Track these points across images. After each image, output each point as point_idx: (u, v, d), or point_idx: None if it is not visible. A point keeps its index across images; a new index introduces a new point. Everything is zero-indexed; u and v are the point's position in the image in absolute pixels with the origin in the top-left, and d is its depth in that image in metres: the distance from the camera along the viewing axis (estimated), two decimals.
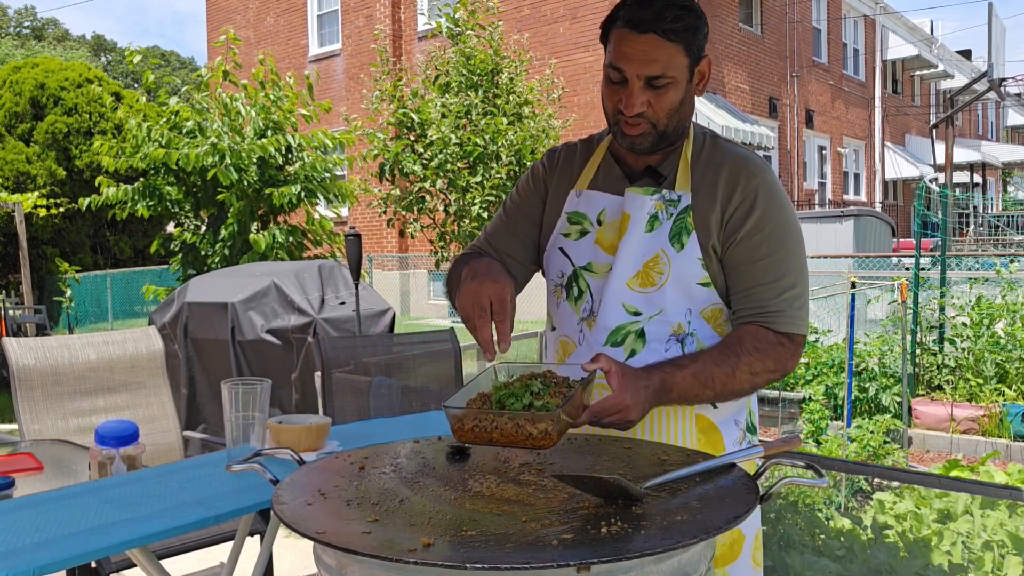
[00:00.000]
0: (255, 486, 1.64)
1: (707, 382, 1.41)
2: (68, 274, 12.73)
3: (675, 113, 1.46)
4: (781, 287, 1.47)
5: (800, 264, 1.50)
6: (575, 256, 1.57)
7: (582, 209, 1.58)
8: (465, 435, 1.24)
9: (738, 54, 16.63)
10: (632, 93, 1.43)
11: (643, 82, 1.43)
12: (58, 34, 46.33)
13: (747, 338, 1.45)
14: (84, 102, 14.18)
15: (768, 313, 1.47)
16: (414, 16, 15.75)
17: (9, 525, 1.45)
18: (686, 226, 1.48)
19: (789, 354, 1.47)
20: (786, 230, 1.49)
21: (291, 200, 7.05)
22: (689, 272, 1.48)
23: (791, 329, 1.47)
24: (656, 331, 1.49)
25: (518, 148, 7.27)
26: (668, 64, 1.42)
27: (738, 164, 1.50)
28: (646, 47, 1.41)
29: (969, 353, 6.56)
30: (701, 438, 1.52)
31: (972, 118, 29.65)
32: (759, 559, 1.58)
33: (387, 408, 3.24)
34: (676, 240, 1.48)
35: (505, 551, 0.94)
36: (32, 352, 2.78)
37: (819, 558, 2.66)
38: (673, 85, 1.44)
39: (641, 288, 1.49)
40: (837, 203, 19.94)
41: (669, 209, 1.49)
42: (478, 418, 1.23)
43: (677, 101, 1.45)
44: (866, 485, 4.40)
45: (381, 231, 15.57)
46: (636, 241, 1.49)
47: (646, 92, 1.43)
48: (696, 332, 1.50)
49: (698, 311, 1.50)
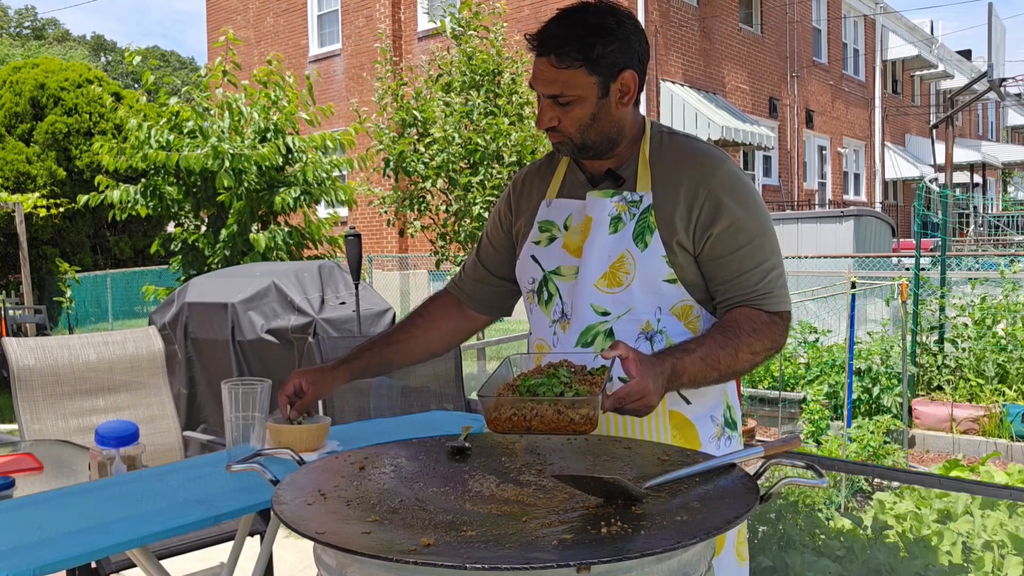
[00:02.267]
0: (255, 486, 1.63)
1: (713, 364, 1.44)
2: (68, 274, 12.72)
3: (588, 128, 1.52)
4: (764, 270, 1.52)
5: (774, 244, 1.56)
6: (544, 261, 1.63)
7: (551, 217, 1.64)
8: (502, 424, 1.24)
9: (738, 54, 16.63)
10: (540, 109, 1.54)
11: (550, 100, 1.51)
12: (58, 34, 46.35)
13: (743, 320, 1.50)
14: (84, 102, 14.17)
15: (757, 296, 1.52)
16: (414, 16, 15.74)
17: (9, 525, 1.45)
18: (648, 225, 1.52)
19: (781, 331, 1.53)
20: (757, 216, 1.54)
21: (291, 203, 7.06)
22: (654, 270, 1.52)
23: (780, 307, 1.53)
24: (624, 330, 1.53)
25: (519, 148, 7.27)
26: (568, 84, 1.48)
27: (698, 160, 1.55)
28: (543, 68, 1.49)
29: (969, 353, 6.56)
30: (676, 434, 1.55)
31: (972, 118, 29.65)
32: (744, 553, 1.60)
33: (387, 408, 3.24)
34: (640, 239, 1.52)
35: (505, 551, 0.94)
36: (32, 352, 2.78)
37: (819, 558, 2.66)
38: (578, 103, 1.50)
39: (608, 288, 1.53)
40: (837, 203, 19.94)
41: (632, 210, 1.54)
42: (516, 406, 1.23)
43: (586, 117, 1.51)
44: (866, 485, 4.40)
45: (381, 231, 15.57)
46: (601, 243, 1.54)
47: (554, 108, 1.51)
48: (666, 329, 1.54)
49: (667, 308, 1.54)
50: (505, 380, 1.32)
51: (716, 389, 1.58)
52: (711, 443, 1.57)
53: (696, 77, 15.33)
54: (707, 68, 15.68)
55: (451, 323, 1.84)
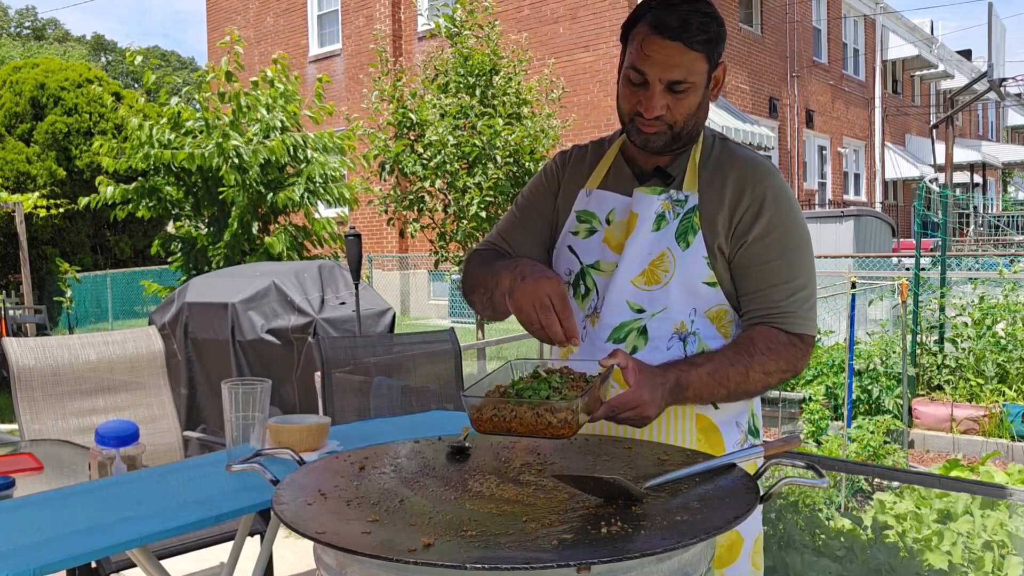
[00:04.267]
0: (255, 486, 1.64)
1: (722, 381, 1.42)
2: (68, 274, 12.73)
3: (692, 117, 1.49)
4: (792, 288, 1.48)
5: (809, 266, 1.52)
6: (583, 254, 1.59)
7: (591, 208, 1.60)
8: (484, 424, 1.24)
9: (738, 54, 16.63)
10: (653, 96, 1.46)
11: (664, 86, 1.46)
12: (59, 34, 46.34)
13: (759, 338, 1.46)
14: (84, 102, 14.18)
15: (779, 314, 1.48)
16: (414, 16, 15.74)
17: (9, 525, 1.45)
18: (692, 225, 1.49)
19: (800, 354, 1.48)
20: (796, 232, 1.51)
21: (294, 202, 7.06)
22: (694, 271, 1.49)
23: (802, 330, 1.49)
24: (658, 328, 1.50)
25: (515, 148, 7.26)
26: (689, 70, 1.45)
27: (747, 167, 1.53)
28: (670, 53, 1.43)
29: (969, 353, 6.55)
30: (701, 438, 1.52)
31: (972, 118, 29.65)
32: (759, 563, 1.58)
33: (387, 408, 3.24)
34: (682, 239, 1.49)
35: (505, 551, 0.94)
36: (32, 352, 2.78)
37: (819, 558, 2.66)
38: (692, 90, 1.47)
39: (646, 286, 1.50)
40: (837, 203, 19.94)
41: (676, 209, 1.51)
42: (497, 407, 1.23)
43: (695, 105, 1.49)
44: (866, 485, 4.40)
45: (381, 231, 15.58)
46: (642, 240, 1.51)
47: (666, 96, 1.46)
48: (699, 332, 1.51)
49: (703, 311, 1.51)
50: (499, 382, 1.33)
51: None
52: (735, 449, 1.53)
53: None
54: None
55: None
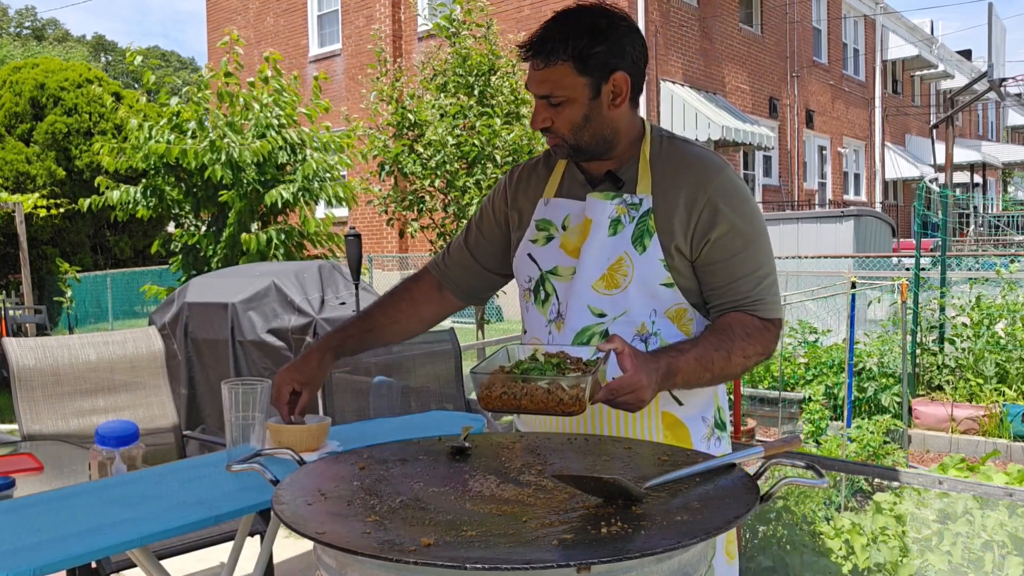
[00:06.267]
0: (255, 486, 1.64)
1: (707, 365, 1.45)
2: (68, 274, 12.73)
3: (581, 129, 1.53)
4: (758, 278, 1.54)
5: (768, 252, 1.59)
6: (541, 261, 1.63)
7: (548, 216, 1.65)
8: (493, 402, 1.25)
9: (738, 54, 16.63)
10: (536, 110, 1.55)
11: (543, 100, 1.52)
12: (59, 35, 46.33)
13: (736, 325, 1.52)
14: (84, 102, 14.17)
15: (750, 302, 1.54)
16: (414, 16, 15.73)
17: (9, 525, 1.45)
18: (648, 229, 1.54)
19: (772, 337, 1.56)
20: (754, 223, 1.56)
21: (287, 200, 7.02)
22: (652, 273, 1.53)
23: (773, 314, 1.56)
24: (620, 331, 1.54)
25: (514, 148, 7.26)
26: (557, 84, 1.50)
27: (698, 165, 1.56)
28: (534, 69, 1.51)
29: (969, 353, 6.55)
30: (668, 434, 1.56)
31: (972, 118, 29.65)
32: (733, 552, 1.62)
33: (387, 408, 3.24)
34: (638, 243, 1.53)
35: (505, 551, 0.94)
36: (32, 352, 2.78)
37: (819, 558, 2.66)
38: (568, 103, 1.51)
39: (606, 290, 1.55)
40: (837, 203, 19.94)
41: (631, 212, 1.55)
42: (507, 384, 1.24)
43: (578, 118, 1.52)
44: (866, 485, 4.40)
45: (381, 231, 15.57)
46: (600, 244, 1.55)
47: (547, 109, 1.53)
48: (660, 332, 1.55)
49: (662, 311, 1.55)
50: (500, 364, 1.33)
51: (707, 391, 1.60)
52: (702, 444, 1.59)
53: (696, 77, 15.33)
54: (707, 68, 15.68)
55: (432, 307, 1.86)
